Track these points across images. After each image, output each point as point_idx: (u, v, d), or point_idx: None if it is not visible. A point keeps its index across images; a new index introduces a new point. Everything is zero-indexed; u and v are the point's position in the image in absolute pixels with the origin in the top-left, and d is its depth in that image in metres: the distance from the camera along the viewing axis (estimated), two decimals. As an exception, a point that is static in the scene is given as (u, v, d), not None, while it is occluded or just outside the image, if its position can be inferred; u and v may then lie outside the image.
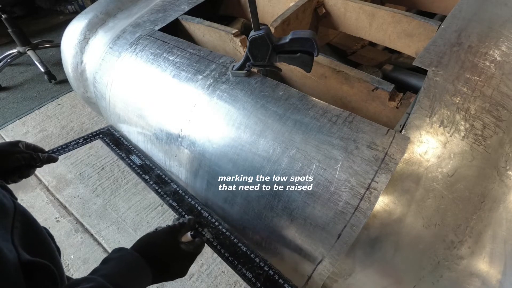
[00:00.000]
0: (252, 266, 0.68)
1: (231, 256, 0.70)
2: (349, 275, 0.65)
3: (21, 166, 0.64)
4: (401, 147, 0.61)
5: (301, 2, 1.03)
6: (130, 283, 0.51)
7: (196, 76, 0.84)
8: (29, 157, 0.65)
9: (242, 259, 0.69)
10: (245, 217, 0.74)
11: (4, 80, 2.36)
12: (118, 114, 1.02)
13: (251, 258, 0.70)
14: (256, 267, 0.68)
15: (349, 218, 0.60)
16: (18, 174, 0.65)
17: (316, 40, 0.65)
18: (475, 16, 0.87)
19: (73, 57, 1.17)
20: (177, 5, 1.14)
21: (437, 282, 0.58)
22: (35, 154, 0.67)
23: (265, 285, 0.66)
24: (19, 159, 0.63)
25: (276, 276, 0.67)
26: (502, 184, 0.59)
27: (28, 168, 0.67)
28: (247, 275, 0.67)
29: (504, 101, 0.67)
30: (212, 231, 0.74)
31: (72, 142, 0.94)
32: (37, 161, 0.66)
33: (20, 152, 0.64)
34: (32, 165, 0.66)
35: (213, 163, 0.77)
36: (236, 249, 0.71)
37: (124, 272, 0.52)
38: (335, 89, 0.87)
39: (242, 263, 0.69)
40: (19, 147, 0.65)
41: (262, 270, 0.68)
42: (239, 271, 0.68)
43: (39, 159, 0.67)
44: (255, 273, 0.67)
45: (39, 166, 0.68)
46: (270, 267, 0.68)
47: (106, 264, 0.52)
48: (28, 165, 0.65)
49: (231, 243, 0.72)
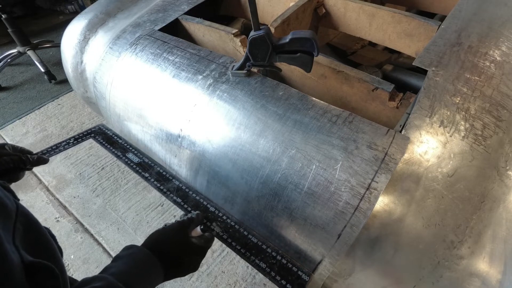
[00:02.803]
0: (265, 256, 0.69)
1: (243, 248, 0.71)
2: (349, 275, 0.65)
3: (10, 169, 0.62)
4: (401, 147, 0.61)
5: (301, 2, 1.03)
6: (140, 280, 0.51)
7: (196, 76, 0.84)
8: (18, 160, 0.63)
9: (254, 250, 0.70)
10: (245, 217, 0.74)
11: (4, 80, 2.36)
12: (118, 114, 1.02)
13: (262, 248, 0.70)
14: (269, 257, 0.69)
15: (349, 218, 0.60)
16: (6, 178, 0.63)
17: (316, 40, 0.65)
18: (475, 16, 0.87)
19: (73, 57, 1.17)
20: (177, 5, 1.14)
21: (437, 282, 0.58)
22: (24, 156, 0.64)
23: (280, 273, 0.67)
24: (7, 161, 0.60)
25: (289, 264, 0.68)
26: (502, 184, 0.59)
27: (17, 171, 0.65)
28: (261, 265, 0.68)
29: (504, 101, 0.67)
30: (221, 225, 0.74)
31: (62, 142, 0.92)
32: (26, 163, 0.64)
33: (7, 155, 0.62)
34: (21, 167, 0.64)
35: (213, 163, 0.77)
36: (247, 241, 0.72)
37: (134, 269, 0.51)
38: (335, 89, 0.87)
39: (255, 254, 0.69)
40: (6, 149, 0.63)
41: (275, 260, 0.69)
42: (252, 262, 0.68)
43: (28, 161, 0.65)
44: (269, 263, 0.68)
45: (28, 168, 0.66)
46: (282, 256, 0.69)
47: (116, 262, 0.52)
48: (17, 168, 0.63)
49: (241, 235, 0.73)
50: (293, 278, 0.66)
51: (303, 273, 0.66)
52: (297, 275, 0.66)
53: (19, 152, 0.66)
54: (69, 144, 0.94)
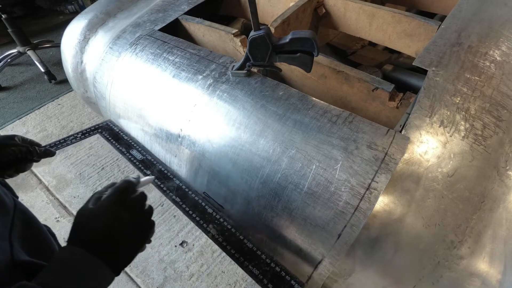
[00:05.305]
0: (259, 262, 0.69)
1: (237, 253, 0.70)
2: (349, 275, 0.65)
3: (17, 159, 0.62)
4: (401, 147, 0.61)
5: (301, 2, 1.03)
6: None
7: (196, 76, 0.84)
8: (26, 151, 0.63)
9: (248, 256, 0.69)
10: (245, 217, 0.74)
11: (4, 80, 2.36)
12: (118, 114, 1.02)
13: (257, 255, 0.70)
14: (263, 264, 0.68)
15: (349, 218, 0.60)
16: (14, 168, 0.64)
17: (316, 40, 0.65)
18: (475, 16, 0.87)
19: (73, 57, 1.17)
20: (177, 5, 1.14)
21: (437, 282, 0.58)
22: (32, 147, 0.65)
23: (272, 281, 0.66)
24: (16, 152, 0.61)
25: (282, 273, 0.67)
26: (502, 184, 0.59)
27: (25, 162, 0.65)
28: (254, 271, 0.67)
29: (504, 101, 0.67)
30: (217, 228, 0.74)
31: (70, 136, 0.93)
32: (33, 154, 0.65)
33: (16, 145, 0.62)
34: (29, 159, 0.65)
35: (213, 163, 0.77)
36: (242, 245, 0.71)
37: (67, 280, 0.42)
38: (335, 89, 0.87)
39: (249, 260, 0.69)
40: (15, 140, 0.63)
41: (269, 267, 0.68)
42: (245, 268, 0.68)
43: (36, 152, 0.65)
44: (262, 270, 0.67)
45: (36, 160, 0.67)
46: (276, 263, 0.69)
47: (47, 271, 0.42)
48: (24, 159, 0.64)
49: (237, 239, 0.72)
50: (285, 287, 0.65)
51: (296, 283, 0.65)
52: (289, 285, 0.65)
53: (28, 143, 0.66)
54: (76, 139, 0.94)
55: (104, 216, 0.46)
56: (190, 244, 1.37)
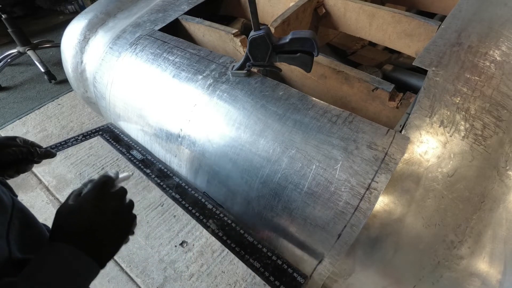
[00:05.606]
0: (260, 256, 0.69)
1: (238, 247, 0.70)
2: (349, 275, 0.65)
3: (18, 160, 0.63)
4: (401, 147, 0.61)
5: (301, 2, 1.03)
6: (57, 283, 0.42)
7: (196, 76, 0.84)
8: (27, 151, 0.64)
9: (249, 249, 0.69)
10: (245, 217, 0.74)
11: (4, 80, 2.36)
12: (118, 114, 1.02)
13: (258, 248, 0.70)
14: (264, 257, 0.68)
15: (349, 218, 0.60)
16: (15, 168, 0.64)
17: (316, 40, 0.65)
18: (475, 16, 0.87)
19: (73, 57, 1.17)
20: (177, 5, 1.14)
21: (437, 282, 0.58)
22: (33, 148, 0.66)
23: (274, 274, 0.66)
24: (16, 152, 0.62)
25: (284, 266, 0.67)
26: (502, 184, 0.59)
27: (25, 163, 0.66)
28: (255, 265, 0.67)
29: (504, 101, 0.67)
30: (217, 223, 0.74)
31: (71, 139, 0.94)
32: (34, 155, 0.65)
33: (17, 146, 0.63)
34: (30, 160, 0.65)
35: (213, 163, 0.77)
36: (242, 239, 0.71)
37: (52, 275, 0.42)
38: (335, 89, 0.87)
39: (250, 253, 0.69)
40: (16, 141, 0.64)
41: (270, 260, 0.68)
42: (246, 261, 0.68)
43: (37, 153, 0.66)
44: (263, 263, 0.67)
45: (36, 161, 0.67)
46: (278, 256, 0.69)
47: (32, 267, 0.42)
48: (25, 160, 0.65)
49: (237, 233, 0.72)
50: (287, 280, 0.65)
51: (298, 275, 0.65)
52: (292, 277, 0.65)
53: (29, 145, 0.67)
54: (77, 140, 0.95)
55: (86, 211, 0.47)
56: (190, 244, 1.38)
